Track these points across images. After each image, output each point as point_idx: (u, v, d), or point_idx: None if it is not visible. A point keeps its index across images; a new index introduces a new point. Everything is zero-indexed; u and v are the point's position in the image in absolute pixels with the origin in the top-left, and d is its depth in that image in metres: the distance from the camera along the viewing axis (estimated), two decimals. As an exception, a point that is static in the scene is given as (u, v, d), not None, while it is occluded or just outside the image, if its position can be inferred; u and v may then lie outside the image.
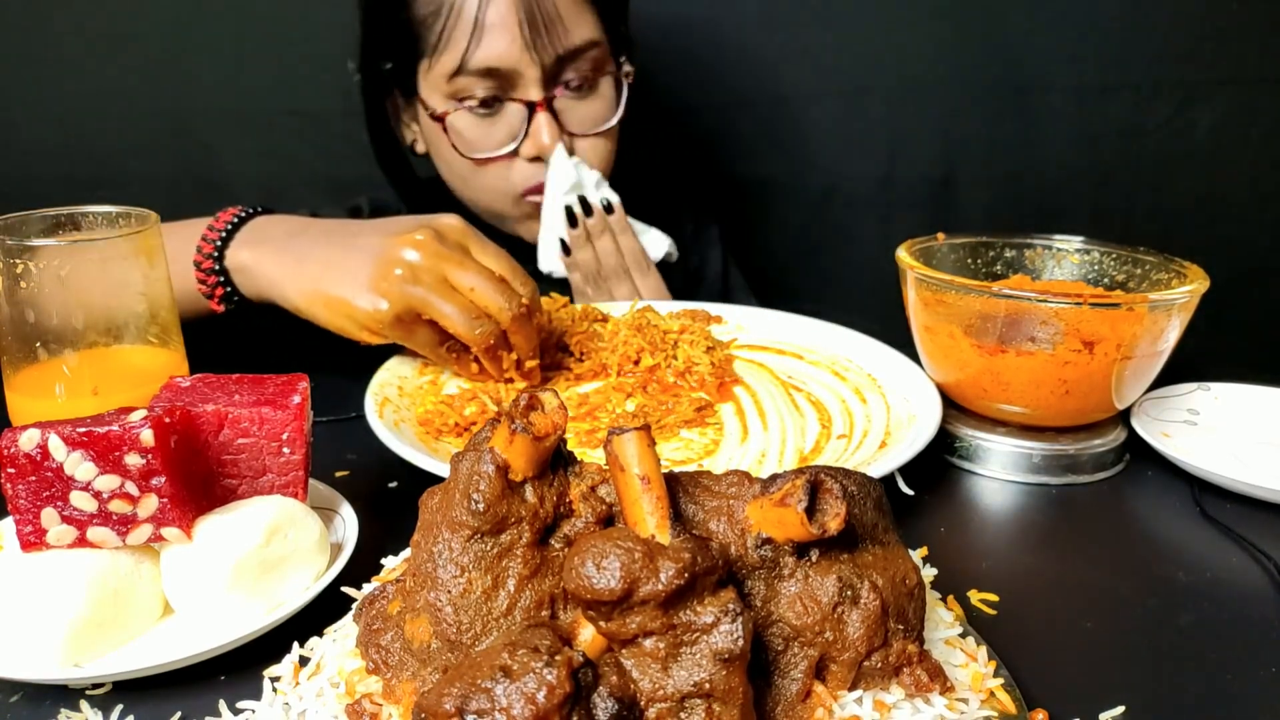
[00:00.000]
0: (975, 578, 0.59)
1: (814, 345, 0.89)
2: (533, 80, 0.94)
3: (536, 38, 0.92)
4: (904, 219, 1.45)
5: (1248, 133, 1.42)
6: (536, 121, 0.96)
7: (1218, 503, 0.69)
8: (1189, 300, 0.70)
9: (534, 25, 0.91)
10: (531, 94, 0.95)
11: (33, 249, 0.55)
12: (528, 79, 0.94)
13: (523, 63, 0.92)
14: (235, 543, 0.47)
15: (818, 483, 0.40)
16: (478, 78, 0.93)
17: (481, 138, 0.98)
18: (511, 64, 0.93)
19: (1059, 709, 0.46)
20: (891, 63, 1.38)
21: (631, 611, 0.36)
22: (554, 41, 0.93)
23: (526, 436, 0.39)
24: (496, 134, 0.97)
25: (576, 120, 0.99)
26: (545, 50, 0.92)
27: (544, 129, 0.96)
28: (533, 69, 0.93)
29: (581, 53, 0.95)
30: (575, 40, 0.94)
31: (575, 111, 0.99)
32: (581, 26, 0.95)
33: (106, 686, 0.47)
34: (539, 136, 0.96)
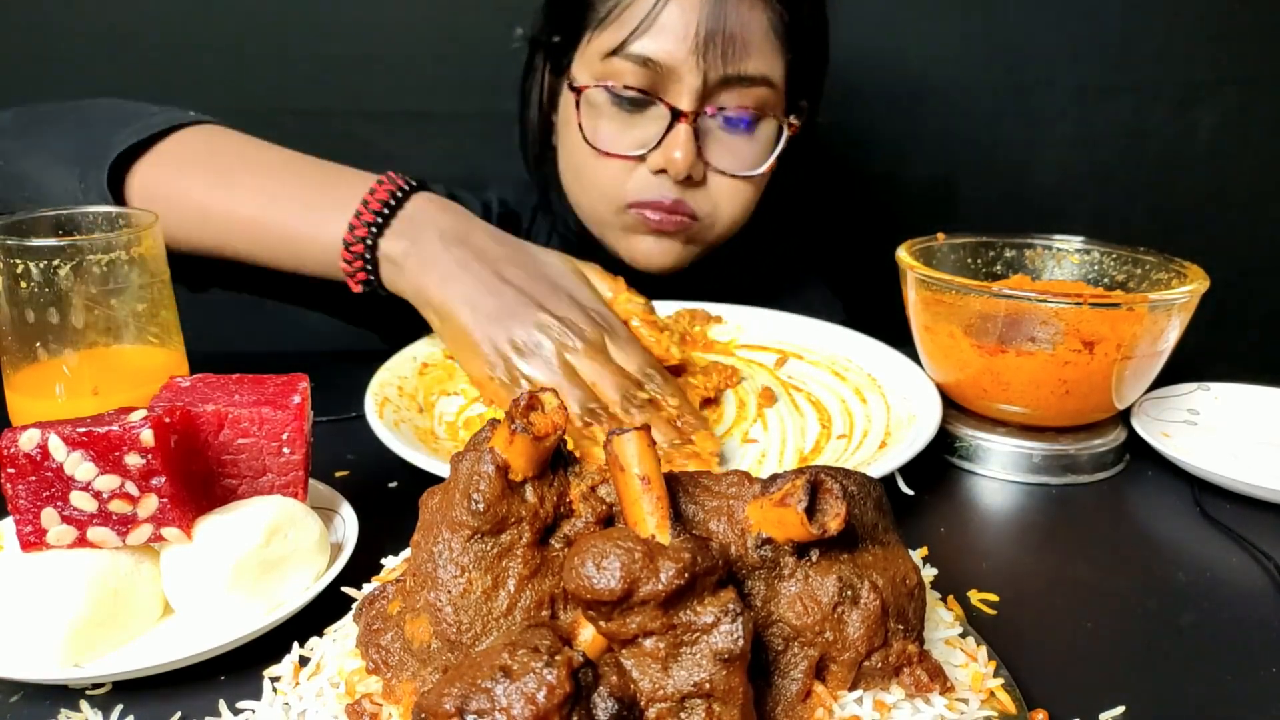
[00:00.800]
0: (975, 578, 0.59)
1: (814, 345, 0.89)
2: (689, 89, 0.85)
3: (709, 47, 0.84)
4: (904, 219, 1.45)
5: (1248, 133, 1.42)
6: (675, 132, 0.87)
7: (1218, 503, 0.69)
8: (1189, 300, 0.70)
9: (711, 34, 0.83)
10: (683, 102, 0.86)
11: (33, 249, 0.55)
12: (684, 86, 0.85)
13: (685, 66, 0.84)
14: (235, 543, 0.47)
15: (818, 483, 0.40)
16: (633, 65, 0.85)
17: (614, 133, 0.90)
18: (673, 62, 0.84)
19: (1059, 709, 0.46)
20: (892, 63, 1.39)
21: (631, 611, 0.36)
22: (726, 59, 0.85)
23: (526, 436, 0.39)
24: (631, 135, 0.89)
25: (720, 152, 0.90)
26: (713, 63, 0.84)
27: (680, 142, 0.86)
28: (693, 76, 0.85)
29: (751, 84, 0.87)
30: (749, 69, 0.86)
31: (722, 144, 0.90)
32: (762, 59, 0.87)
33: (106, 686, 0.47)
34: (672, 148, 0.87)
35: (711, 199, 0.93)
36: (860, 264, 1.40)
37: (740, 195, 0.94)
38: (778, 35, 0.88)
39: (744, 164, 0.92)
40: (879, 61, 1.38)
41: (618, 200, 0.92)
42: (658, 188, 0.90)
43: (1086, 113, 1.41)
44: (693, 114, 0.86)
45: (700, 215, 0.92)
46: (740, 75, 0.86)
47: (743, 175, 0.92)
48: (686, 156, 0.87)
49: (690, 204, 0.91)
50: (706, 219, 0.93)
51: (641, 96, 0.87)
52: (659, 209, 0.90)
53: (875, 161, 1.44)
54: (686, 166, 0.87)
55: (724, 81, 0.86)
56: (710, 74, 0.85)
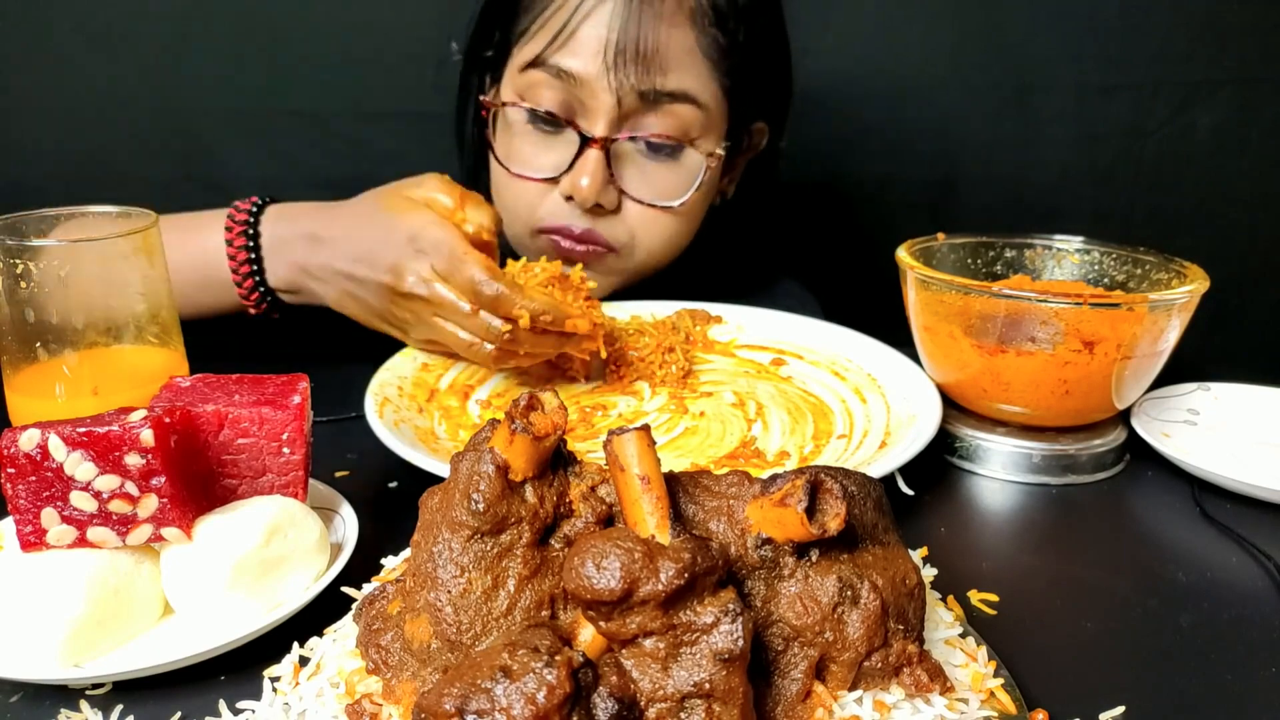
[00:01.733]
0: (975, 578, 0.59)
1: (814, 345, 0.89)
2: (603, 108, 0.83)
3: (620, 64, 0.81)
4: (904, 219, 1.45)
5: (1248, 133, 1.42)
6: (585, 158, 0.84)
7: (1218, 503, 0.69)
8: (1189, 300, 0.70)
9: (623, 49, 0.81)
10: (596, 127, 0.84)
11: (33, 249, 0.55)
12: (599, 105, 0.83)
13: (599, 83, 0.82)
14: (235, 543, 0.47)
15: (818, 483, 0.40)
16: (548, 77, 0.83)
17: (529, 154, 0.88)
18: (586, 76, 0.82)
19: (1059, 709, 0.46)
20: (891, 63, 1.39)
21: (631, 611, 0.36)
22: (641, 75, 0.81)
23: (526, 436, 0.39)
24: (545, 157, 0.87)
25: (638, 180, 0.87)
26: (625, 80, 0.81)
27: (589, 169, 0.84)
28: (606, 95, 0.82)
29: (671, 101, 0.83)
30: (668, 85, 0.83)
31: (641, 170, 0.87)
32: (684, 76, 0.83)
33: (106, 686, 0.47)
34: (580, 174, 0.84)
35: (628, 228, 0.89)
36: (850, 263, 1.40)
37: (660, 226, 0.89)
38: (707, 56, 0.85)
39: (663, 193, 0.88)
40: (878, 61, 1.38)
41: (529, 223, 0.90)
42: (568, 214, 0.88)
43: (1086, 113, 1.41)
44: (602, 140, 0.84)
45: (616, 245, 0.89)
46: (656, 90, 0.83)
47: (660, 205, 0.88)
48: (593, 184, 0.84)
49: (602, 233, 0.88)
50: (624, 249, 0.90)
51: (552, 117, 0.85)
52: (568, 236, 0.88)
53: (875, 161, 1.44)
54: (594, 194, 0.85)
55: (642, 99, 0.83)
56: (624, 91, 0.82)
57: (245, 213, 0.80)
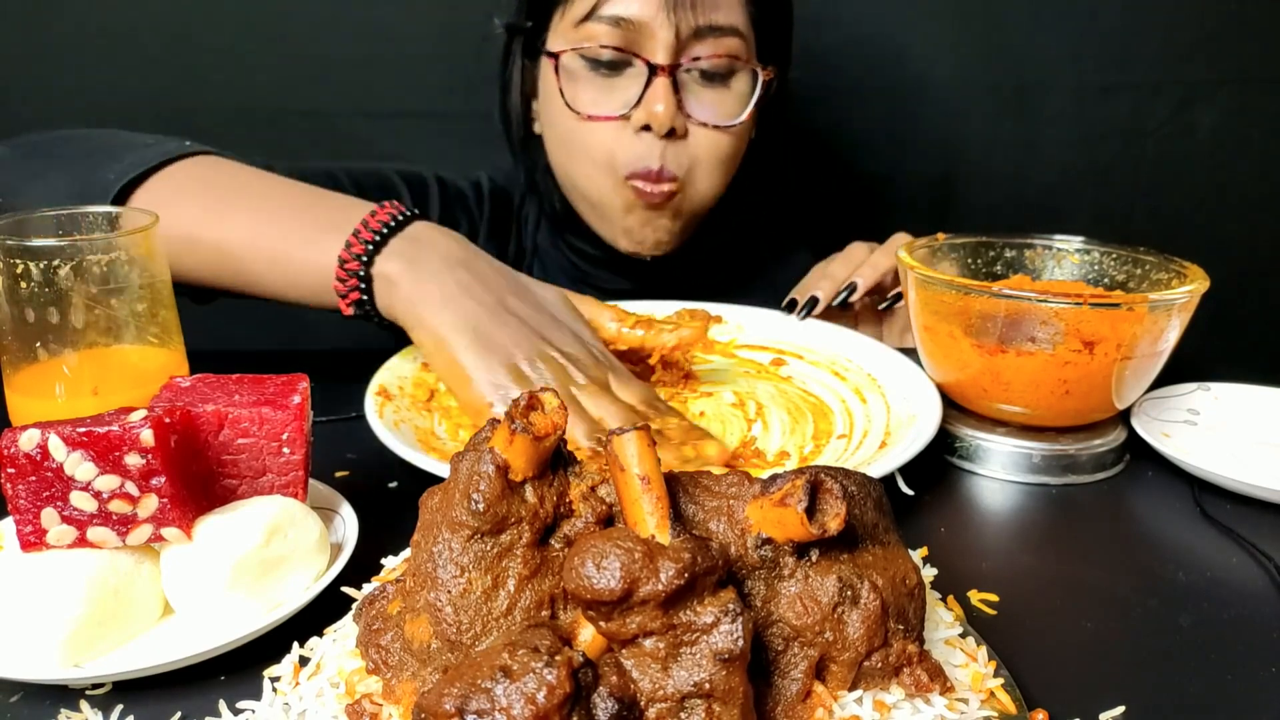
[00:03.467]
0: (975, 578, 0.59)
1: (814, 345, 0.89)
2: (663, 44, 0.89)
3: (680, 1, 0.87)
4: (904, 219, 1.45)
5: (1248, 133, 1.42)
6: (654, 86, 0.89)
7: (1218, 503, 0.69)
8: (1189, 300, 0.70)
9: None
10: (658, 57, 0.89)
11: (33, 249, 0.55)
12: (658, 41, 0.89)
13: (656, 21, 0.88)
14: (235, 543, 0.47)
15: (818, 483, 0.40)
16: (606, 26, 0.89)
17: (595, 97, 0.92)
18: (644, 18, 0.88)
19: (1059, 709, 0.46)
20: (891, 63, 1.39)
21: (631, 611, 0.36)
22: (696, 11, 0.88)
23: (526, 436, 0.39)
24: (612, 98, 0.92)
25: (699, 105, 0.93)
26: (684, 16, 0.88)
27: (661, 96, 0.89)
28: (665, 30, 0.88)
29: (721, 34, 0.90)
30: (719, 19, 0.89)
31: (701, 96, 0.93)
32: (730, 10, 0.91)
33: (106, 686, 0.47)
34: (653, 103, 0.89)
35: (690, 154, 0.94)
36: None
37: (720, 148, 0.95)
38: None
39: (723, 114, 0.94)
40: (879, 61, 1.38)
41: (612, 170, 0.94)
42: (645, 151, 0.92)
43: (1086, 113, 1.41)
44: (669, 67, 0.89)
45: (681, 176, 0.94)
46: (710, 25, 0.89)
47: (724, 125, 0.94)
48: (668, 109, 0.89)
49: (672, 166, 0.93)
50: (688, 177, 0.95)
51: (618, 56, 0.90)
52: (648, 178, 0.93)
53: (875, 161, 1.44)
54: (669, 118, 0.90)
55: (696, 33, 0.89)
56: (681, 26, 0.88)
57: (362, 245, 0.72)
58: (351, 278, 0.72)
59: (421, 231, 0.74)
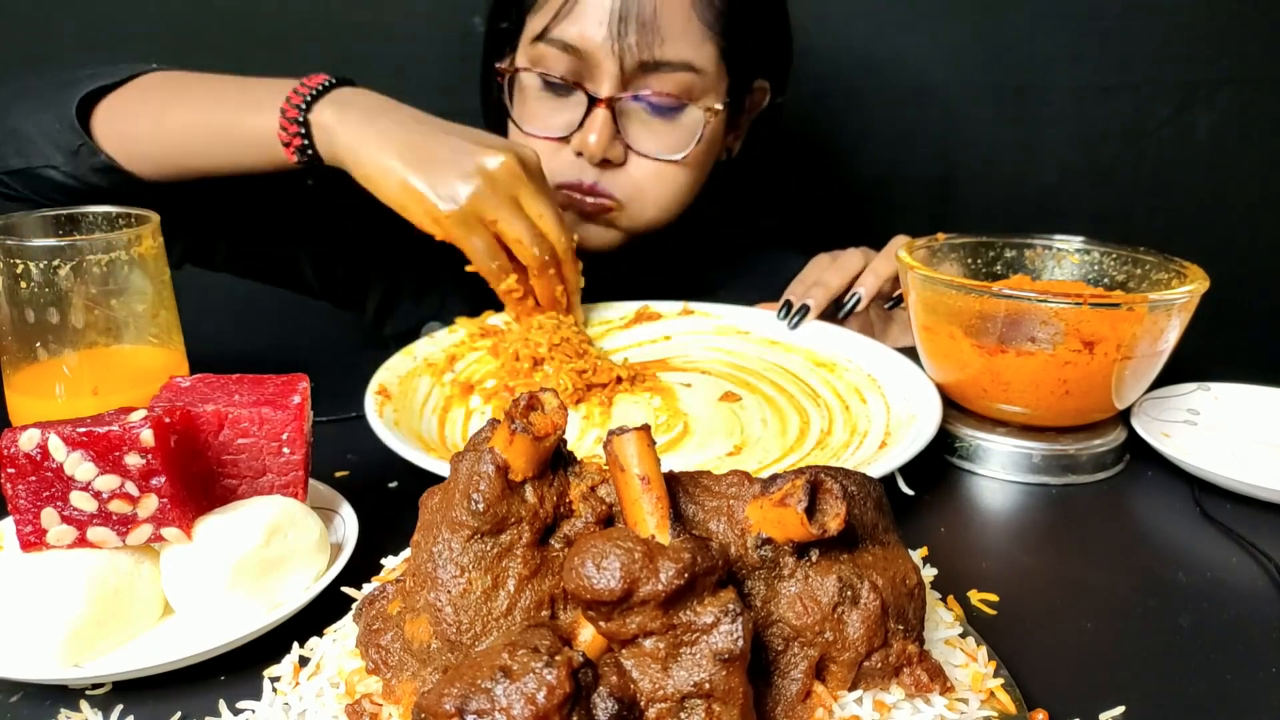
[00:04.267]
0: (975, 578, 0.59)
1: (814, 345, 0.89)
2: (608, 75, 0.89)
3: (624, 34, 0.87)
4: (904, 219, 1.45)
5: (1248, 133, 1.42)
6: (592, 116, 0.91)
7: (1218, 503, 0.69)
8: (1189, 300, 0.70)
9: (625, 20, 0.87)
10: (601, 88, 0.90)
11: (33, 249, 0.55)
12: (603, 71, 0.90)
13: (601, 52, 0.88)
14: (235, 543, 0.47)
15: (818, 483, 0.40)
16: (555, 50, 0.90)
17: (542, 115, 0.95)
18: (590, 48, 0.88)
19: (1059, 709, 0.46)
20: (892, 63, 1.39)
21: (631, 612, 0.36)
22: (641, 46, 0.88)
23: (526, 436, 0.39)
24: (557, 118, 0.94)
25: (643, 135, 0.94)
26: (628, 51, 0.88)
27: (596, 126, 0.91)
28: (610, 62, 0.89)
29: (671, 69, 0.90)
30: (667, 54, 0.89)
31: (646, 127, 0.94)
32: (682, 45, 0.90)
33: (106, 686, 0.47)
34: (588, 132, 0.91)
35: (634, 181, 0.95)
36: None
37: (666, 179, 0.96)
38: (703, 21, 0.90)
39: (667, 147, 0.94)
40: (878, 61, 1.38)
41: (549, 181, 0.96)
42: (578, 170, 0.94)
43: (1086, 113, 1.41)
44: (608, 99, 0.90)
45: (620, 199, 0.95)
46: (657, 61, 0.89)
47: (665, 159, 0.94)
48: (601, 140, 0.91)
49: (608, 186, 0.95)
50: (629, 203, 0.96)
51: (564, 83, 0.92)
52: (579, 189, 0.94)
53: (875, 162, 1.44)
54: (601, 150, 0.91)
55: (642, 67, 0.89)
56: (626, 61, 0.88)
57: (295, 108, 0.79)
58: (292, 124, 0.78)
59: (352, 90, 0.81)
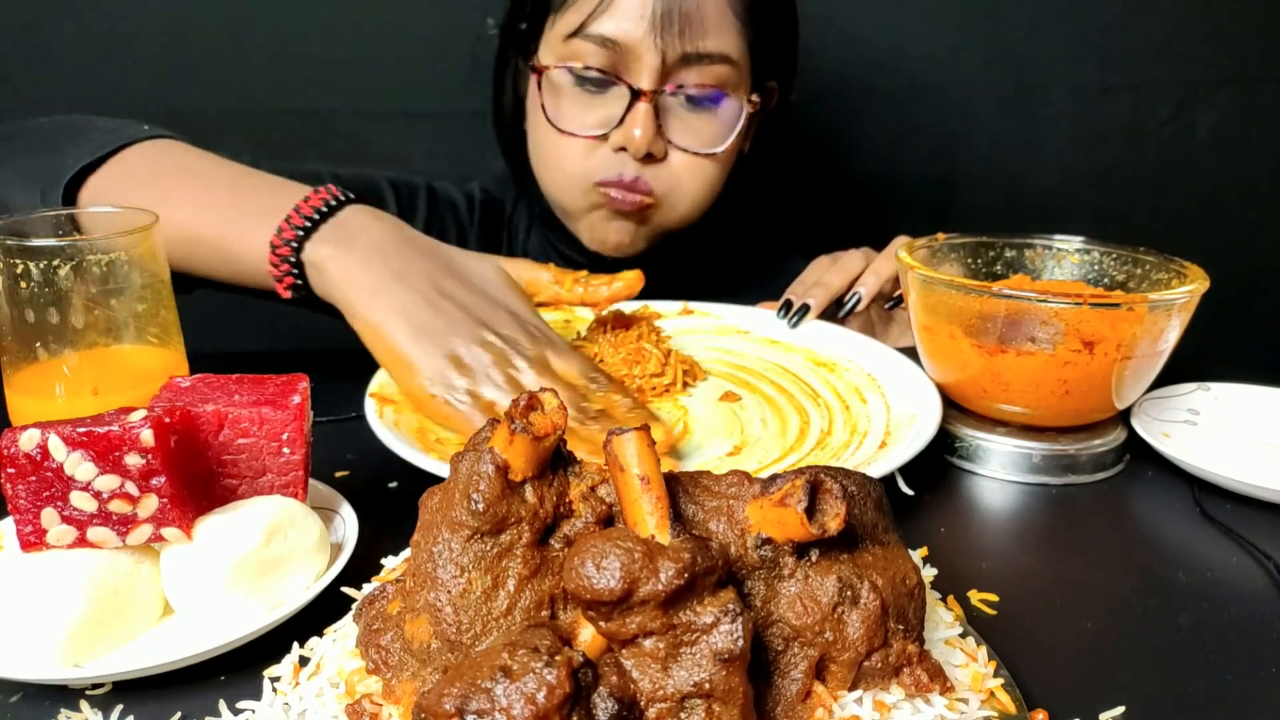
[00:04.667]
0: (975, 578, 0.59)
1: (814, 345, 0.89)
2: (648, 68, 0.88)
3: (667, 26, 0.86)
4: (904, 219, 1.45)
5: (1248, 133, 1.42)
6: (635, 111, 0.89)
7: (1218, 503, 0.69)
8: (1189, 300, 0.70)
9: (668, 14, 0.86)
10: (642, 82, 0.88)
11: (33, 249, 0.55)
12: (643, 65, 0.88)
13: (643, 45, 0.87)
14: (235, 543, 0.47)
15: (818, 483, 0.40)
16: (593, 45, 0.88)
17: (576, 113, 0.92)
18: (631, 42, 0.87)
19: (1059, 709, 0.46)
20: (892, 63, 1.39)
21: (631, 612, 0.36)
22: (684, 38, 0.87)
23: (526, 436, 0.39)
24: (593, 115, 0.92)
25: (681, 130, 0.92)
26: (671, 43, 0.87)
27: (640, 120, 0.89)
28: (651, 55, 0.87)
29: (710, 62, 0.89)
30: (708, 47, 0.88)
31: (684, 122, 0.92)
32: (721, 37, 0.89)
33: (106, 686, 0.47)
34: (632, 127, 0.89)
35: (673, 175, 0.94)
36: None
37: (701, 173, 0.95)
38: (736, 14, 0.90)
39: (705, 141, 0.94)
40: (879, 61, 1.38)
41: (583, 179, 0.94)
42: (619, 165, 0.92)
43: (1086, 113, 1.41)
44: (652, 92, 0.89)
45: (659, 194, 0.94)
46: (698, 53, 0.88)
47: (704, 153, 0.94)
48: (646, 134, 0.89)
49: (649, 181, 0.93)
50: (666, 198, 0.95)
51: (602, 76, 0.90)
52: (619, 186, 0.93)
53: (874, 161, 1.44)
54: (646, 144, 0.90)
55: (683, 60, 0.88)
56: (668, 53, 0.87)
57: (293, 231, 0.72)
58: (284, 263, 0.72)
59: (352, 217, 0.74)
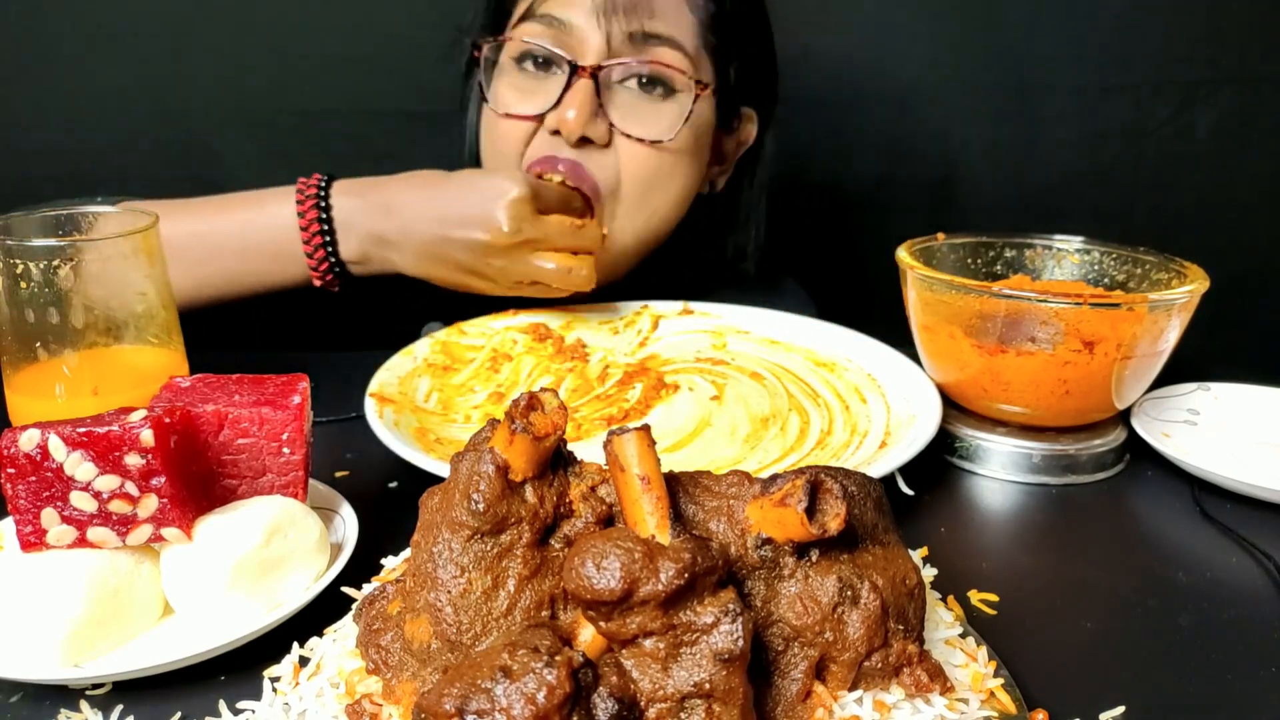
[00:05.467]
0: (975, 578, 0.59)
1: (814, 345, 0.89)
2: (593, 48, 0.84)
3: (610, 8, 0.84)
4: (904, 219, 1.45)
5: (1248, 133, 1.42)
6: (573, 88, 0.84)
7: (1218, 503, 0.69)
8: (1189, 300, 0.70)
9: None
10: (585, 59, 0.85)
11: (33, 249, 0.55)
12: (588, 45, 0.85)
13: (589, 25, 0.84)
14: (235, 543, 0.47)
15: (818, 483, 0.40)
16: (540, 25, 0.86)
17: (518, 96, 0.89)
18: (576, 21, 0.84)
19: (1059, 709, 0.46)
20: (892, 63, 1.38)
21: (631, 612, 0.36)
22: (629, 17, 0.84)
23: (526, 436, 0.39)
24: (534, 98, 0.87)
25: (629, 115, 0.87)
26: (616, 21, 0.84)
27: (576, 100, 0.84)
28: (596, 35, 0.84)
29: (657, 43, 0.85)
30: (655, 28, 0.85)
31: (630, 109, 0.87)
32: (670, 23, 0.86)
33: (106, 686, 0.47)
34: (566, 107, 0.84)
35: (616, 165, 0.88)
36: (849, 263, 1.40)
37: (647, 166, 0.88)
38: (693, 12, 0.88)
39: (652, 130, 0.87)
40: (879, 61, 1.38)
41: (515, 163, 0.89)
42: (553, 148, 0.87)
43: (1086, 113, 1.41)
44: (592, 69, 0.84)
45: (603, 186, 0.88)
46: (644, 32, 0.85)
47: (650, 139, 0.87)
48: (580, 114, 0.83)
49: (590, 170, 0.87)
50: (610, 193, 0.89)
51: (545, 53, 0.87)
52: (552, 167, 0.86)
53: (875, 161, 1.44)
54: (580, 125, 0.84)
55: (629, 39, 0.85)
56: (613, 31, 0.84)
57: (313, 187, 0.82)
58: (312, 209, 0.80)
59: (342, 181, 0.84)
